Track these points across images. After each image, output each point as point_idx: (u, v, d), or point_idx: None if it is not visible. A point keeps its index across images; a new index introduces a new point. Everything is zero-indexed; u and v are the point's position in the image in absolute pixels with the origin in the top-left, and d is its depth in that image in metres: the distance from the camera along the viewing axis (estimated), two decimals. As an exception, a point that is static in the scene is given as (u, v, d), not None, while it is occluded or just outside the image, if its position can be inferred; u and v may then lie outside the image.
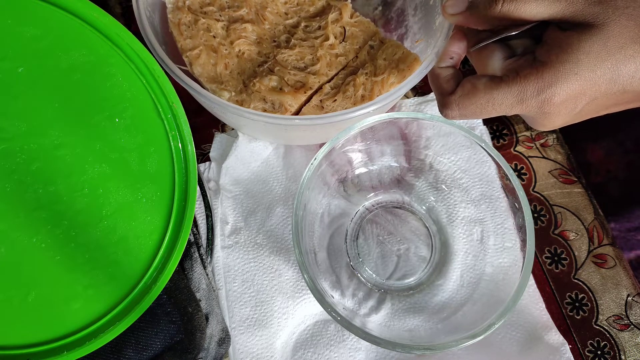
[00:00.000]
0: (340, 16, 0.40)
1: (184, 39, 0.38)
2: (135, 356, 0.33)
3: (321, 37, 0.39)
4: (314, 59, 0.39)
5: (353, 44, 0.39)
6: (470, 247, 0.39)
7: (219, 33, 0.39)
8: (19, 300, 0.29)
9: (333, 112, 0.34)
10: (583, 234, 0.42)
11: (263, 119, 0.33)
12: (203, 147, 0.44)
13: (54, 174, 0.30)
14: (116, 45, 0.31)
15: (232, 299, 0.39)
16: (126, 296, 0.32)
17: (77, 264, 0.31)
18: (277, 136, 0.41)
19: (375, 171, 0.42)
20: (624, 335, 0.39)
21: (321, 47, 0.39)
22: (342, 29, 0.39)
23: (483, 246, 0.39)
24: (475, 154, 0.38)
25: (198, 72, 0.38)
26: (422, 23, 0.41)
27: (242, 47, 0.39)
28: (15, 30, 0.29)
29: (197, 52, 0.38)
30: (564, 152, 0.44)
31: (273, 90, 0.37)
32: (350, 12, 0.40)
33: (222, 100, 0.33)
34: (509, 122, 0.45)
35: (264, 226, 0.41)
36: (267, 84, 0.37)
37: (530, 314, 0.38)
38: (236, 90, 0.38)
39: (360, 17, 0.40)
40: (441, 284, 0.38)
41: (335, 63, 0.39)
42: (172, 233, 0.34)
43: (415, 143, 0.40)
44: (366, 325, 0.32)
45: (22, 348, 0.29)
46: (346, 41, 0.39)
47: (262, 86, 0.37)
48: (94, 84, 0.31)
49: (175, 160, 0.34)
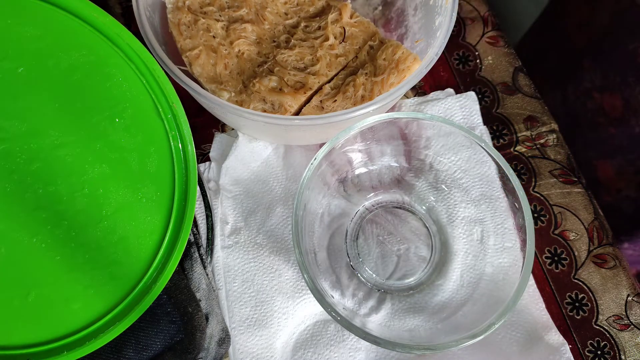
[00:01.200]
0: (340, 16, 0.40)
1: (183, 39, 0.38)
2: (135, 356, 0.33)
3: (321, 37, 0.39)
4: (313, 59, 0.38)
5: (353, 44, 0.39)
6: (470, 247, 0.39)
7: (218, 33, 0.39)
8: (19, 300, 0.29)
9: (333, 112, 0.34)
10: (583, 234, 0.42)
11: (262, 119, 0.33)
12: (203, 147, 0.44)
13: (54, 174, 0.30)
14: (116, 45, 0.31)
15: (232, 299, 0.39)
16: (126, 296, 0.32)
17: (77, 264, 0.31)
18: (277, 136, 0.41)
19: (375, 171, 0.42)
20: (624, 335, 0.39)
21: (321, 48, 0.39)
22: (342, 29, 0.39)
23: (483, 246, 0.39)
24: (475, 154, 0.38)
25: (198, 72, 0.38)
26: (422, 23, 0.41)
27: (242, 47, 0.39)
28: (15, 30, 0.29)
29: (197, 52, 0.38)
30: (564, 152, 0.44)
31: (273, 91, 0.37)
32: (350, 13, 0.40)
33: (221, 101, 0.33)
34: (509, 122, 0.45)
35: (264, 226, 0.41)
36: (266, 84, 0.37)
37: (530, 314, 0.38)
38: (236, 90, 0.38)
39: (360, 18, 0.40)
40: (441, 284, 0.38)
41: (335, 63, 0.39)
42: (172, 233, 0.34)
43: (415, 143, 0.40)
44: (366, 325, 0.32)
45: (22, 348, 0.29)
46: (346, 41, 0.39)
47: (262, 86, 0.37)
48: (94, 84, 0.31)
49: (175, 160, 0.34)
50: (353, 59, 0.39)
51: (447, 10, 0.36)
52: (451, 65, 0.48)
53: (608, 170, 0.50)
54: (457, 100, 0.45)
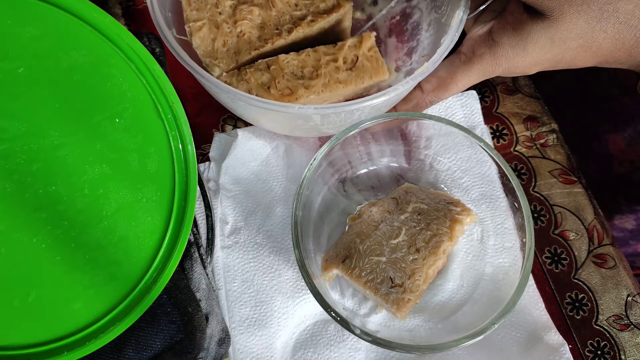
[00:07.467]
0: (359, 44, 0.39)
1: (190, 9, 0.39)
2: (135, 356, 0.33)
3: (331, 55, 0.39)
4: (313, 73, 0.38)
5: (358, 76, 0.38)
6: (470, 247, 0.39)
7: (225, 10, 0.39)
8: (20, 301, 0.29)
9: (328, 105, 0.34)
10: (583, 234, 0.42)
11: (253, 102, 0.34)
12: (203, 147, 0.44)
13: (54, 174, 0.30)
14: (116, 46, 0.31)
15: (232, 299, 0.39)
16: (126, 296, 0.32)
17: (78, 264, 0.31)
18: (254, 119, 0.41)
19: (375, 171, 0.42)
20: (624, 335, 0.39)
21: (326, 66, 0.38)
22: (355, 57, 0.39)
23: (483, 246, 0.39)
24: (475, 154, 0.38)
25: (196, 44, 0.38)
26: (432, 39, 0.41)
27: (244, 28, 0.39)
28: (15, 30, 0.29)
29: (200, 25, 0.38)
30: (564, 152, 0.44)
31: (261, 86, 0.37)
32: (371, 45, 0.39)
33: (210, 77, 0.34)
34: (509, 122, 0.45)
35: (264, 226, 0.41)
36: (257, 77, 0.37)
37: (530, 314, 0.38)
38: (228, 68, 0.38)
39: (377, 54, 0.39)
40: (441, 284, 0.38)
41: (332, 87, 0.38)
42: (172, 233, 0.34)
43: (415, 143, 0.40)
44: (366, 325, 0.32)
45: (22, 348, 0.29)
46: (353, 71, 0.39)
47: (253, 78, 0.37)
48: (94, 84, 0.31)
49: (176, 161, 0.34)
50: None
51: (452, 29, 0.36)
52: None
53: (619, 143, 0.50)
54: (458, 98, 0.45)
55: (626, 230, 0.54)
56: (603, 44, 0.32)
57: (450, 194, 0.40)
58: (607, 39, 0.32)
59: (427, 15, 0.43)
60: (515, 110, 0.46)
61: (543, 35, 0.33)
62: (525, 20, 0.34)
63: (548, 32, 0.33)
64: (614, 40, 0.32)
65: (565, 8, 0.32)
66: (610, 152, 0.51)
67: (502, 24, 0.35)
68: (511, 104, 0.46)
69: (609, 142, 0.52)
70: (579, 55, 0.34)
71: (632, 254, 0.56)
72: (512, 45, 0.35)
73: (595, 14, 0.32)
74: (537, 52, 0.34)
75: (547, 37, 0.33)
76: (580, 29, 0.32)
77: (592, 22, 0.32)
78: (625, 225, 0.54)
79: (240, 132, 0.42)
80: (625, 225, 0.54)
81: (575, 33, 0.32)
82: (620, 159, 0.51)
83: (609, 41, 0.32)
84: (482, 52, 0.36)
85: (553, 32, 0.33)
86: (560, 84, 0.53)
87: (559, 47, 0.33)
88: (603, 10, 0.31)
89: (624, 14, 0.31)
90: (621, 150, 0.51)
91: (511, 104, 0.46)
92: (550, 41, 0.33)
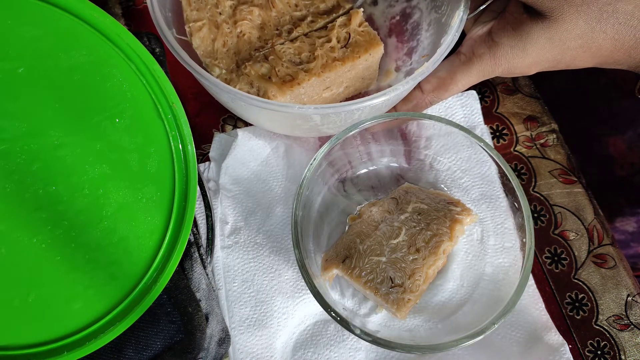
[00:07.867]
0: (349, 22, 0.40)
1: (190, 10, 0.39)
2: (135, 356, 0.33)
3: (325, 37, 0.39)
4: (310, 56, 0.38)
5: (354, 52, 0.39)
6: (470, 247, 0.39)
7: (225, 11, 0.39)
8: (20, 301, 0.29)
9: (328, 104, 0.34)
10: (583, 234, 0.42)
11: (253, 102, 0.34)
12: (203, 147, 0.44)
13: (54, 174, 0.30)
14: (116, 46, 0.31)
15: (232, 299, 0.39)
16: (126, 296, 0.32)
17: (78, 264, 0.31)
18: (259, 121, 0.41)
19: (375, 171, 0.42)
20: (624, 335, 0.39)
21: (321, 47, 0.39)
22: (347, 34, 0.39)
23: (483, 246, 0.39)
24: (475, 154, 0.38)
25: (196, 44, 0.39)
26: (432, 39, 0.42)
27: (244, 28, 0.39)
28: (15, 30, 0.29)
29: (200, 25, 0.39)
30: (564, 152, 0.44)
31: (262, 78, 0.37)
32: (360, 21, 0.40)
33: (209, 75, 0.34)
34: (509, 122, 0.45)
35: (264, 226, 0.41)
36: (257, 69, 0.37)
37: (530, 314, 0.38)
38: (228, 68, 0.38)
39: (367, 28, 0.40)
40: (441, 284, 0.38)
41: (330, 66, 0.38)
42: (172, 233, 0.34)
43: (415, 143, 0.40)
44: (366, 325, 0.32)
45: (22, 348, 0.29)
46: (347, 47, 0.39)
47: (253, 71, 0.37)
48: (94, 84, 0.31)
49: (176, 161, 0.34)
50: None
51: (452, 29, 0.36)
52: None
53: (619, 145, 0.51)
54: (458, 98, 0.45)
55: (627, 233, 0.55)
56: (602, 45, 0.32)
57: (450, 194, 0.40)
58: (606, 39, 0.32)
59: (427, 15, 0.43)
60: (515, 110, 0.46)
61: (543, 35, 0.33)
62: (525, 21, 0.34)
63: (548, 32, 0.33)
64: (614, 41, 0.32)
65: (565, 8, 0.32)
66: (611, 154, 0.52)
67: (502, 24, 0.35)
68: (511, 104, 0.46)
69: (609, 145, 0.52)
70: (578, 56, 0.34)
71: (634, 256, 0.56)
72: (512, 45, 0.35)
73: (595, 14, 0.32)
74: (536, 52, 0.34)
75: (547, 37, 0.33)
76: (579, 30, 0.32)
77: (592, 22, 0.32)
78: (626, 228, 0.54)
79: (240, 132, 0.42)
80: (626, 227, 0.54)
81: (575, 33, 0.32)
82: (621, 162, 0.51)
83: (609, 42, 0.32)
84: (482, 53, 0.36)
85: (553, 32, 0.33)
86: (560, 86, 0.54)
87: (558, 47, 0.33)
88: (603, 11, 0.31)
89: (623, 14, 0.31)
90: (622, 152, 0.51)
91: (511, 104, 0.46)
92: (550, 41, 0.33)
